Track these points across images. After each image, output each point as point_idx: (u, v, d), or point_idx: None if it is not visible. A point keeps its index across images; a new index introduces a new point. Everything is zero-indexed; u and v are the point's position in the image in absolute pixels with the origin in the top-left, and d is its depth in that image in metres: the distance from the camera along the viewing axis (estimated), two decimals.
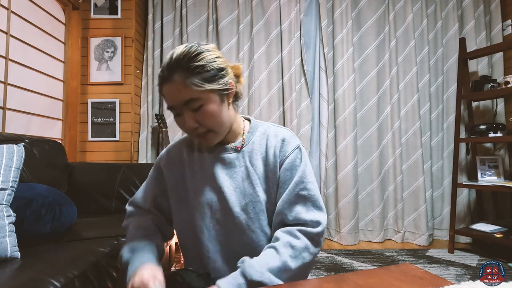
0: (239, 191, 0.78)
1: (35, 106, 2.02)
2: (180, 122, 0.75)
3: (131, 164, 2.27)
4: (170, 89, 0.71)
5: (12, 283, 0.77)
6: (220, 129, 0.76)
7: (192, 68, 0.70)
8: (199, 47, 0.72)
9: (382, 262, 2.22)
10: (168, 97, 0.73)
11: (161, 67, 0.73)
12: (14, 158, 1.08)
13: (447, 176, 2.60)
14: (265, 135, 0.83)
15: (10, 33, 1.78)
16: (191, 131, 0.75)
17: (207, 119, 0.73)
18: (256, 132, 0.84)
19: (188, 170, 0.84)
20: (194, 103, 0.71)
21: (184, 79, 0.70)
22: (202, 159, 0.83)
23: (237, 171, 0.79)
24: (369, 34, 2.65)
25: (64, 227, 1.20)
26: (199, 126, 0.74)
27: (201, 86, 0.70)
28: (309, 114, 2.62)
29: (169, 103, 0.74)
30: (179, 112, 0.74)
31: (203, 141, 0.78)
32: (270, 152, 0.80)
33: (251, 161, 0.80)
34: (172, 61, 0.71)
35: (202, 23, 2.67)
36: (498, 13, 2.61)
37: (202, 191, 0.80)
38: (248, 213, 0.77)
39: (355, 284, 0.60)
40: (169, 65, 0.71)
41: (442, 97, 2.65)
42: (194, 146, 0.86)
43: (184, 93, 0.70)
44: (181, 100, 0.71)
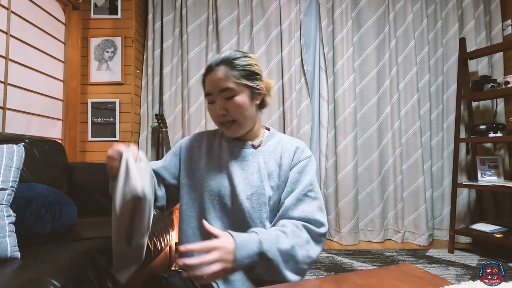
0: (247, 182, 0.86)
1: (35, 106, 2.02)
2: (212, 109, 0.87)
3: None
4: (212, 77, 0.84)
5: (12, 283, 0.77)
6: (243, 122, 0.87)
7: (234, 65, 0.84)
8: (244, 53, 0.88)
9: (382, 262, 2.22)
10: (208, 84, 0.86)
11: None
12: (14, 158, 1.08)
13: (447, 176, 2.60)
14: (281, 142, 0.94)
15: (10, 33, 1.78)
16: (218, 117, 0.86)
17: (235, 109, 0.84)
18: (273, 138, 0.96)
19: (205, 155, 0.93)
20: (228, 92, 0.83)
21: (225, 71, 0.83)
22: (221, 149, 0.92)
23: (249, 165, 0.88)
24: (369, 34, 2.65)
25: (64, 227, 1.19)
26: (227, 114, 0.85)
27: (238, 79, 0.83)
28: (309, 114, 2.62)
29: (207, 89, 0.87)
30: (213, 100, 0.86)
31: (227, 130, 0.88)
32: (285, 155, 0.90)
33: (264, 159, 0.89)
34: (219, 58, 0.85)
35: (202, 23, 2.67)
36: (498, 13, 2.61)
37: (215, 174, 0.89)
38: (252, 203, 0.84)
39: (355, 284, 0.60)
40: (216, 60, 0.85)
41: (442, 97, 2.65)
42: (216, 137, 0.96)
43: (223, 82, 0.83)
44: (218, 87, 0.83)
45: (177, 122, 2.64)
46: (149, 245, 1.37)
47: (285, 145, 0.92)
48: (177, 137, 2.63)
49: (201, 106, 2.64)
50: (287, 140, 0.94)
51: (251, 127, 0.91)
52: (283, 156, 0.89)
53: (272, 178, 0.87)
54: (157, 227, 1.49)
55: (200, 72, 2.65)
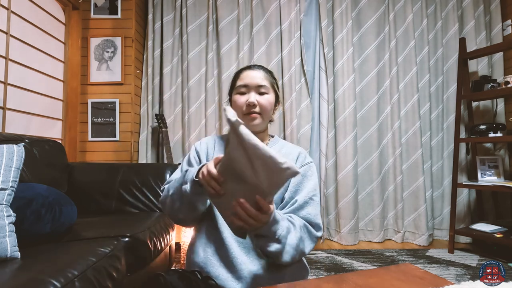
0: None
1: (35, 106, 2.02)
2: (241, 99, 0.97)
3: (131, 164, 2.27)
4: (253, 73, 0.99)
5: (12, 283, 0.77)
6: (265, 118, 1.00)
7: (270, 72, 1.03)
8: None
9: (382, 262, 2.22)
10: (247, 77, 0.98)
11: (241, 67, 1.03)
12: (14, 158, 1.08)
13: (447, 176, 2.60)
14: (285, 147, 1.05)
15: (10, 33, 1.78)
16: (248, 107, 0.96)
17: (264, 104, 0.97)
18: (277, 143, 1.07)
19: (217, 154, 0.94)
20: (264, 89, 0.98)
21: (265, 74, 1.00)
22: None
23: None
24: (369, 34, 2.64)
25: (64, 227, 1.19)
26: (257, 105, 0.96)
27: (272, 83, 1.01)
28: (309, 114, 2.62)
29: (245, 81, 0.98)
30: (246, 92, 0.97)
31: (251, 121, 0.96)
32: (288, 158, 0.90)
33: None
34: (257, 64, 1.04)
35: (202, 23, 2.67)
36: (498, 13, 2.61)
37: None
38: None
39: (355, 284, 0.60)
40: (255, 64, 1.03)
41: (442, 97, 2.65)
42: (225, 142, 0.97)
43: (262, 80, 0.98)
44: (257, 83, 0.97)
45: (177, 122, 2.64)
46: (149, 245, 1.37)
47: (288, 150, 1.03)
48: (177, 137, 2.63)
49: (201, 106, 2.64)
50: (290, 146, 1.06)
51: (264, 129, 1.03)
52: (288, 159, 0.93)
53: None
54: (157, 227, 1.49)
55: (200, 72, 2.65)
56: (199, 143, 1.05)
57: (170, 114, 2.62)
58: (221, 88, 2.61)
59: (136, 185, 1.84)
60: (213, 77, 2.63)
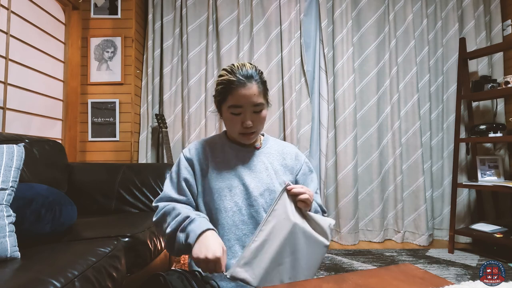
0: (258, 180, 0.96)
1: (35, 106, 2.02)
2: (236, 120, 0.93)
3: (131, 164, 2.27)
4: (247, 92, 0.90)
5: (12, 283, 0.77)
6: (260, 132, 1.01)
7: (262, 82, 0.94)
8: (259, 69, 0.97)
9: (382, 262, 2.22)
10: (242, 98, 0.90)
11: (229, 73, 0.91)
12: (14, 158, 1.08)
13: (447, 176, 2.60)
14: (278, 145, 1.07)
15: (10, 33, 1.78)
16: (244, 128, 0.93)
17: (259, 122, 0.95)
18: (269, 141, 1.07)
19: (211, 161, 0.99)
20: (259, 107, 0.93)
21: (258, 87, 0.92)
22: (225, 154, 1.00)
23: (256, 165, 0.99)
24: (369, 34, 2.64)
25: (64, 227, 1.20)
26: (252, 126, 0.93)
27: (265, 95, 0.95)
28: (309, 114, 2.62)
29: (239, 102, 0.91)
30: (241, 112, 0.92)
31: (245, 139, 0.97)
32: (288, 158, 1.04)
33: (268, 159, 1.01)
34: (247, 72, 0.91)
35: (202, 23, 2.67)
36: (498, 13, 2.61)
37: (223, 177, 0.96)
38: (265, 198, 0.95)
39: (355, 284, 0.60)
40: (246, 75, 0.91)
41: (442, 97, 2.64)
42: (216, 144, 1.03)
43: (257, 98, 0.92)
44: (253, 102, 0.91)
45: (177, 122, 2.64)
46: (149, 245, 1.37)
47: (284, 149, 1.06)
48: (177, 137, 2.63)
49: (201, 106, 2.64)
50: (282, 144, 1.08)
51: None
52: (286, 158, 1.03)
53: (279, 176, 0.99)
54: None
55: (200, 72, 2.65)
56: (187, 151, 1.01)
57: (170, 114, 2.62)
58: None
59: (136, 185, 1.84)
60: (213, 77, 2.63)
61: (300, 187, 0.87)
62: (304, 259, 0.84)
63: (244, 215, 0.93)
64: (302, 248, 0.83)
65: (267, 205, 0.95)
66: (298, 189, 0.86)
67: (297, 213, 0.85)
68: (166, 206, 0.93)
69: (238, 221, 0.92)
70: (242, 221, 0.93)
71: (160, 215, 0.93)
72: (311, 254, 0.85)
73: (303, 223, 0.85)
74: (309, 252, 0.85)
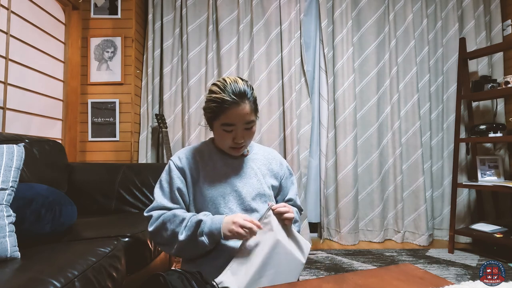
0: (249, 185, 1.01)
1: (35, 106, 2.02)
2: (227, 137, 0.96)
3: (131, 164, 2.27)
4: (240, 111, 0.92)
5: (12, 283, 0.77)
6: (249, 144, 1.06)
7: (254, 99, 0.97)
8: (249, 83, 0.98)
9: (382, 262, 2.22)
10: (235, 117, 0.92)
11: (222, 91, 0.92)
12: (14, 158, 1.08)
13: (447, 176, 2.60)
14: (262, 151, 1.12)
15: (10, 33, 1.78)
16: (235, 144, 0.97)
17: (250, 137, 0.99)
18: (254, 147, 1.12)
19: (202, 170, 1.01)
20: (251, 124, 0.96)
21: (250, 106, 0.94)
22: (213, 162, 1.03)
23: (245, 171, 1.04)
24: (369, 34, 2.64)
25: (64, 227, 1.19)
26: (244, 141, 0.97)
27: (256, 112, 0.98)
28: (309, 114, 2.62)
29: (232, 121, 0.93)
30: (233, 129, 0.94)
31: (235, 152, 1.00)
32: (273, 163, 1.11)
33: (255, 164, 1.06)
34: (240, 90, 0.92)
35: (202, 23, 2.67)
36: (498, 13, 2.61)
37: (215, 186, 0.99)
38: (257, 202, 1.01)
39: (355, 284, 0.60)
40: (239, 93, 0.92)
41: (442, 97, 2.65)
42: (205, 153, 1.05)
43: (250, 116, 0.94)
44: (246, 120, 0.94)
45: (177, 122, 2.64)
46: (149, 245, 1.37)
47: (269, 154, 1.12)
48: (177, 137, 2.63)
49: (201, 106, 2.62)
50: (266, 150, 1.15)
51: None
52: (272, 163, 1.10)
53: (267, 180, 1.06)
54: None
55: (200, 72, 2.65)
56: (177, 159, 1.02)
57: (170, 114, 2.62)
58: None
59: (136, 185, 1.84)
60: (213, 77, 2.63)
61: (283, 205, 0.95)
62: (283, 274, 0.90)
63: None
64: (283, 263, 0.90)
65: (261, 208, 1.00)
66: (282, 208, 0.93)
67: (281, 229, 0.93)
68: (163, 214, 0.95)
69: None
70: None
71: (159, 223, 0.94)
72: (289, 270, 0.92)
73: (285, 239, 0.93)
74: (288, 268, 0.92)
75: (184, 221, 0.92)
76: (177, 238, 0.91)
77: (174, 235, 0.92)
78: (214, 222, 0.90)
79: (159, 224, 0.94)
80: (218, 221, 0.89)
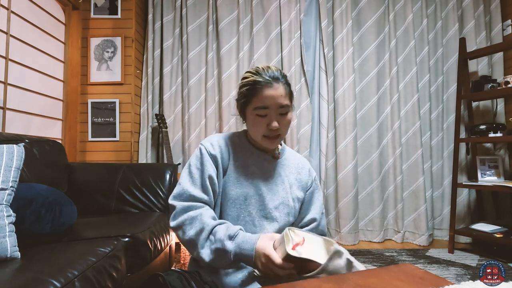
0: (274, 192, 0.95)
1: (35, 106, 2.02)
2: (261, 122, 0.89)
3: (131, 164, 2.27)
4: (274, 93, 0.87)
5: (12, 283, 0.77)
6: (284, 136, 0.95)
7: (288, 83, 0.92)
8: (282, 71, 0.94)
9: (382, 262, 2.22)
10: (269, 99, 0.87)
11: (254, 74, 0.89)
12: (14, 158, 1.08)
13: (447, 176, 2.60)
14: (296, 157, 1.05)
15: (10, 33, 1.78)
16: (269, 131, 0.89)
17: (285, 125, 0.91)
18: (286, 150, 1.04)
19: (231, 163, 0.95)
20: (286, 109, 0.89)
21: (285, 89, 0.89)
22: (244, 157, 0.96)
23: (273, 176, 0.97)
24: (369, 34, 2.64)
25: (64, 227, 1.19)
26: (278, 129, 0.89)
27: (290, 95, 0.92)
28: (309, 114, 2.62)
29: (266, 103, 0.87)
30: (267, 113, 0.88)
31: (269, 142, 0.92)
32: (303, 173, 1.03)
33: (284, 171, 1.00)
34: (274, 73, 0.89)
35: (202, 23, 2.67)
36: (498, 13, 2.61)
37: (240, 183, 0.93)
38: (280, 212, 0.95)
39: (355, 284, 0.60)
40: (273, 75, 0.89)
41: (442, 97, 2.64)
42: (242, 146, 0.98)
43: (284, 99, 0.89)
44: (280, 104, 0.88)
45: (177, 122, 2.64)
46: (149, 245, 1.37)
47: (300, 162, 1.04)
48: (177, 137, 2.63)
49: (201, 106, 2.64)
50: (296, 157, 1.06)
51: None
52: (301, 173, 1.02)
53: (293, 190, 0.99)
54: (157, 227, 1.49)
55: (200, 72, 2.65)
56: (210, 145, 0.94)
57: (170, 114, 2.62)
58: (221, 88, 2.61)
59: (136, 185, 1.84)
60: (213, 77, 2.63)
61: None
62: None
63: (256, 226, 0.92)
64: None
65: (281, 219, 0.94)
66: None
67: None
68: (187, 210, 0.87)
69: (248, 231, 0.89)
70: (253, 232, 0.90)
71: (186, 220, 0.85)
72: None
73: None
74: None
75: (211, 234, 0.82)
76: (198, 250, 0.83)
77: (194, 245, 0.84)
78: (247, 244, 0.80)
79: (187, 221, 0.85)
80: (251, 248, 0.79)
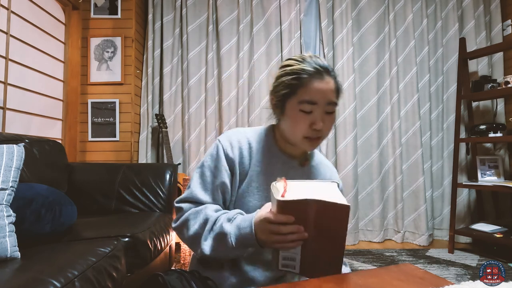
0: None
1: (35, 106, 2.02)
2: (304, 119, 0.76)
3: (131, 164, 2.27)
4: (324, 86, 0.76)
5: (12, 283, 0.77)
6: (325, 139, 0.83)
7: (337, 79, 0.80)
8: None
9: (382, 262, 2.22)
10: (318, 93, 0.75)
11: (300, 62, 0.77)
12: (14, 158, 1.08)
13: (447, 176, 2.60)
14: (325, 165, 0.93)
15: (10, 33, 1.78)
16: (312, 131, 0.77)
17: (329, 126, 0.79)
18: (315, 155, 0.93)
19: (252, 169, 0.84)
20: (333, 107, 0.78)
21: (335, 84, 0.78)
22: (268, 163, 0.85)
23: None
24: (369, 34, 2.64)
25: (64, 227, 1.19)
26: (322, 129, 0.77)
27: (339, 95, 0.80)
28: None
29: (315, 97, 0.75)
30: (313, 110, 0.76)
31: (309, 145, 0.80)
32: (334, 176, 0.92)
33: None
34: (325, 65, 0.77)
35: (202, 23, 2.67)
36: (498, 13, 2.61)
37: (260, 195, 0.83)
38: None
39: (355, 284, 0.60)
40: (324, 66, 0.77)
41: (442, 97, 2.64)
42: (260, 146, 0.86)
43: (333, 95, 0.77)
44: (328, 100, 0.76)
45: (177, 122, 2.64)
46: (149, 245, 1.37)
47: (328, 172, 0.92)
48: (177, 137, 2.63)
49: (201, 106, 2.64)
50: (325, 163, 0.94)
51: None
52: None
53: None
54: (157, 227, 1.49)
55: (200, 72, 2.65)
56: (229, 146, 0.82)
57: (170, 114, 2.62)
58: (221, 88, 2.61)
59: (136, 185, 1.84)
60: (213, 77, 2.63)
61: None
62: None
63: None
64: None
65: None
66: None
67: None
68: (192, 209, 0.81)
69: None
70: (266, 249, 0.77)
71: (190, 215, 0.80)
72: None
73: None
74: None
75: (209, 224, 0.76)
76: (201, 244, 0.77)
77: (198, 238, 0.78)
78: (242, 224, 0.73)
79: (184, 219, 0.80)
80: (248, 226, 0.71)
